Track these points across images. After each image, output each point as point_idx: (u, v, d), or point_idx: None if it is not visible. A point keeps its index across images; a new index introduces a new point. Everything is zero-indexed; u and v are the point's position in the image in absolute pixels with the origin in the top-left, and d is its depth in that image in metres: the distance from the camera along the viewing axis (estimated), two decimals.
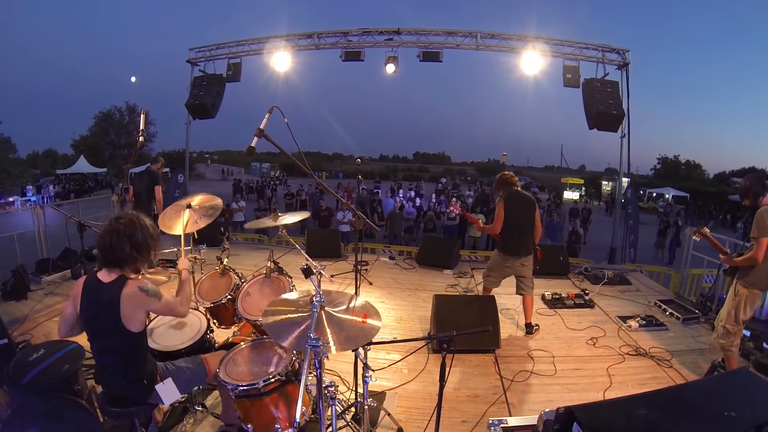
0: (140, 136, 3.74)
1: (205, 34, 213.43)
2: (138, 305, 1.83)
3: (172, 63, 15.23)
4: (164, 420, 2.46)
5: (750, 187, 2.95)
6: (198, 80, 8.78)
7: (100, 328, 1.85)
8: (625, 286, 5.46)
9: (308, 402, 2.15)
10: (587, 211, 14.60)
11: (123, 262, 1.85)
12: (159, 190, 5.69)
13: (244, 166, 43.98)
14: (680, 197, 28.06)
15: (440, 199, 13.41)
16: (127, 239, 1.83)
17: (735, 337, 3.06)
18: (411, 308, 4.57)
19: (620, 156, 7.88)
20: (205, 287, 3.03)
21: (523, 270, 3.93)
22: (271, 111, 2.04)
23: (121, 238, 1.83)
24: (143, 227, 1.90)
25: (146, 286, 1.86)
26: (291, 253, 6.34)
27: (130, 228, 1.85)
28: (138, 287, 1.83)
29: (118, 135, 39.27)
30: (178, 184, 9.12)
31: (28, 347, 2.78)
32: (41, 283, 4.80)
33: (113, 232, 1.84)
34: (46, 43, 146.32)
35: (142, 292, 1.83)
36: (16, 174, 26.07)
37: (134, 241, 1.85)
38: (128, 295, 1.80)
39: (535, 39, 7.84)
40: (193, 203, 3.05)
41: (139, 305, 1.83)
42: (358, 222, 2.46)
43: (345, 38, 8.34)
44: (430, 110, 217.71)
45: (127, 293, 1.80)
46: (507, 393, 3.02)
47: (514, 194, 3.87)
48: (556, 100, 79.59)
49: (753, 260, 2.88)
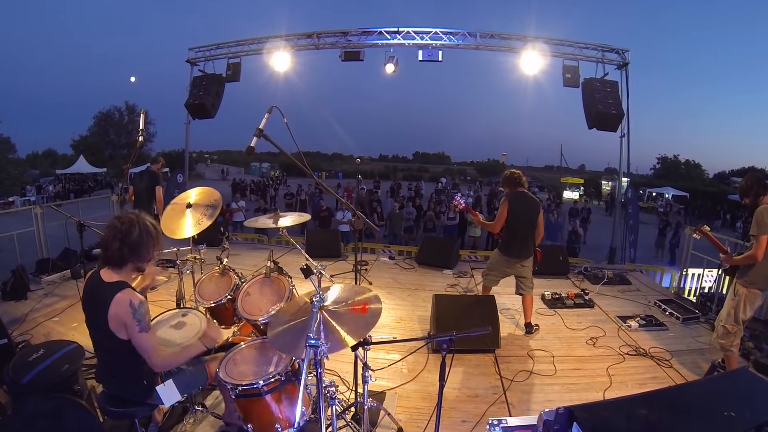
0: (140, 135, 3.73)
1: (205, 34, 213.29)
2: (120, 317, 1.75)
3: (171, 63, 15.22)
4: (164, 420, 2.46)
5: (750, 187, 2.96)
6: (197, 80, 8.78)
7: (96, 326, 1.85)
8: (625, 286, 5.46)
9: (308, 402, 2.15)
10: (587, 211, 14.61)
11: (119, 262, 1.83)
12: (160, 189, 5.69)
13: (244, 166, 44.01)
14: (680, 197, 28.08)
15: (440, 198, 13.42)
16: (120, 239, 1.80)
17: (735, 337, 3.05)
18: (411, 308, 4.57)
19: (620, 156, 7.90)
20: (204, 287, 3.03)
21: (523, 271, 3.93)
22: (270, 111, 2.04)
23: (115, 236, 1.80)
24: (142, 226, 1.85)
25: (138, 306, 1.77)
26: (291, 253, 6.34)
27: (127, 227, 1.82)
28: (129, 301, 1.76)
29: (117, 135, 39.34)
30: (177, 184, 9.12)
31: (28, 347, 2.78)
32: (41, 283, 4.79)
33: (109, 230, 1.82)
34: (45, 43, 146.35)
35: (131, 308, 1.75)
36: (16, 174, 26.08)
37: (129, 241, 1.81)
38: (117, 302, 1.74)
39: (535, 39, 7.85)
40: (191, 200, 3.04)
41: (121, 318, 1.75)
42: (357, 222, 2.47)
43: (345, 38, 8.34)
44: (430, 110, 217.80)
45: (118, 300, 1.74)
46: (507, 393, 3.02)
47: (519, 195, 3.86)
48: (556, 100, 79.63)
49: (752, 258, 2.88)
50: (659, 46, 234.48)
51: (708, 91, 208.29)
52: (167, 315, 2.79)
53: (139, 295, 1.84)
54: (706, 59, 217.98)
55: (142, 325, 1.78)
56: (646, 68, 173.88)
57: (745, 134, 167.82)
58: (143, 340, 1.80)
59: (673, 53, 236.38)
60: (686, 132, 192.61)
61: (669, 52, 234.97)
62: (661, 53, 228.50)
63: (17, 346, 3.05)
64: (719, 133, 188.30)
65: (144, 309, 1.80)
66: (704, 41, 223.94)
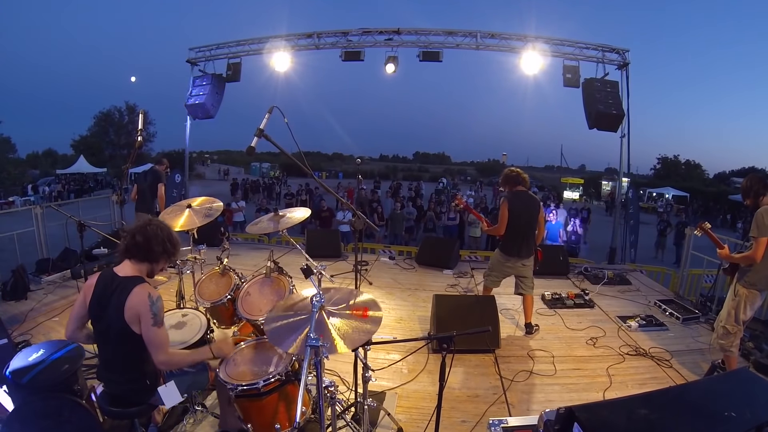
0: (139, 135, 3.74)
1: (205, 34, 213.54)
2: (137, 309, 1.80)
3: (171, 63, 15.24)
4: (164, 420, 2.46)
5: (751, 187, 2.96)
6: (198, 80, 8.78)
7: (106, 321, 1.85)
8: (625, 286, 5.46)
9: (308, 402, 2.15)
10: (587, 211, 14.61)
11: (149, 258, 1.91)
12: (162, 187, 5.82)
13: (244, 166, 43.98)
14: (680, 197, 28.07)
15: (440, 198, 13.41)
16: (166, 236, 1.93)
17: (735, 338, 3.05)
18: (411, 308, 4.57)
19: (620, 156, 7.88)
20: (205, 287, 3.03)
21: (524, 270, 3.92)
22: (270, 111, 2.04)
23: (157, 234, 1.90)
24: (173, 234, 1.99)
25: (155, 300, 1.84)
26: (291, 253, 6.34)
27: (166, 229, 1.95)
28: (148, 294, 1.83)
29: (117, 135, 39.34)
30: (175, 184, 9.11)
31: (28, 347, 2.77)
32: (41, 283, 4.79)
33: (149, 229, 1.90)
34: (45, 43, 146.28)
35: (149, 301, 1.81)
36: (16, 174, 26.08)
37: (171, 240, 1.95)
38: (136, 294, 1.80)
39: (535, 39, 7.84)
40: (193, 204, 3.05)
41: (138, 310, 1.80)
42: (357, 222, 2.46)
43: (345, 38, 8.33)
44: (430, 110, 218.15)
45: (136, 292, 1.80)
46: (507, 393, 3.02)
47: (518, 194, 3.85)
48: (556, 100, 79.76)
49: (751, 259, 2.88)
50: (659, 46, 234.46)
51: (708, 91, 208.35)
52: (167, 315, 2.79)
53: (156, 290, 1.90)
54: (707, 59, 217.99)
55: (156, 319, 1.83)
56: (646, 68, 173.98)
57: (745, 134, 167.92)
58: (155, 335, 1.83)
59: (673, 53, 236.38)
60: (686, 132, 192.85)
61: (669, 52, 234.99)
62: (662, 53, 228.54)
63: (17, 346, 3.05)
64: (719, 133, 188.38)
65: (161, 304, 1.86)
66: (704, 41, 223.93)
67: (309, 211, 3.49)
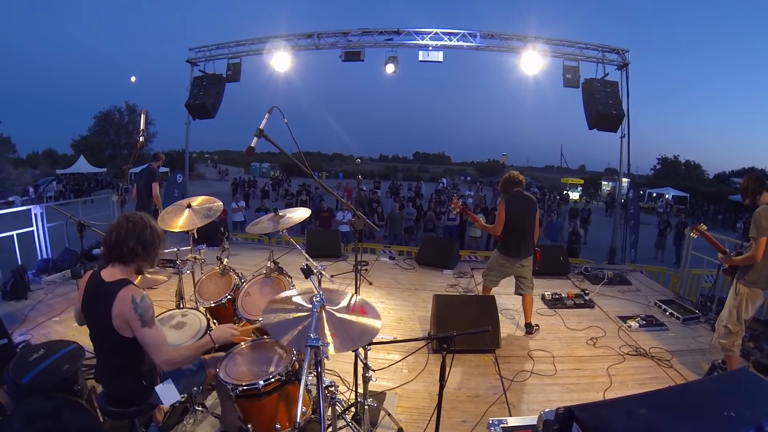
0: (140, 136, 3.74)
1: (205, 34, 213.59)
2: (124, 314, 1.75)
3: (171, 63, 15.24)
4: (164, 420, 2.46)
5: (749, 186, 3.00)
6: (198, 80, 8.79)
7: (96, 326, 1.85)
8: (625, 286, 5.46)
9: (308, 402, 2.15)
10: (587, 211, 14.61)
11: (128, 259, 1.84)
12: (156, 186, 5.77)
13: (244, 166, 43.97)
14: (680, 197, 28.07)
15: (440, 199, 13.41)
16: (135, 236, 1.83)
17: (737, 337, 3.06)
18: (411, 308, 4.56)
19: (620, 156, 7.90)
20: (205, 287, 3.03)
21: (523, 271, 3.93)
22: (270, 111, 2.04)
23: (129, 234, 1.82)
24: (152, 227, 1.90)
25: (140, 301, 1.77)
26: (291, 253, 6.34)
27: (139, 226, 1.85)
28: (131, 296, 1.76)
29: (118, 135, 39.34)
30: (176, 184, 9.12)
31: (28, 347, 2.78)
32: (41, 283, 4.79)
33: (121, 228, 1.83)
34: (46, 43, 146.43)
35: (132, 304, 1.75)
36: (16, 174, 26.07)
37: (141, 239, 1.84)
38: (120, 300, 1.75)
39: (535, 39, 7.85)
40: (193, 204, 3.05)
41: (124, 315, 1.75)
42: (357, 222, 2.46)
43: (345, 38, 8.35)
44: (430, 110, 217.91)
45: (121, 297, 1.75)
46: (507, 393, 3.02)
47: (515, 195, 3.88)
48: (556, 100, 79.78)
49: (752, 260, 2.90)
50: (660, 46, 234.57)
51: (708, 91, 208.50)
52: (167, 315, 2.79)
53: (140, 290, 1.84)
54: (707, 59, 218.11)
55: (144, 320, 1.77)
56: (646, 68, 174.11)
57: (745, 134, 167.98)
58: (147, 335, 1.79)
59: (673, 53, 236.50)
60: (686, 132, 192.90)
61: (669, 52, 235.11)
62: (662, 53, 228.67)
63: (17, 346, 3.05)
64: (719, 133, 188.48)
65: (146, 303, 1.80)
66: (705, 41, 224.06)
67: (309, 211, 3.49)
